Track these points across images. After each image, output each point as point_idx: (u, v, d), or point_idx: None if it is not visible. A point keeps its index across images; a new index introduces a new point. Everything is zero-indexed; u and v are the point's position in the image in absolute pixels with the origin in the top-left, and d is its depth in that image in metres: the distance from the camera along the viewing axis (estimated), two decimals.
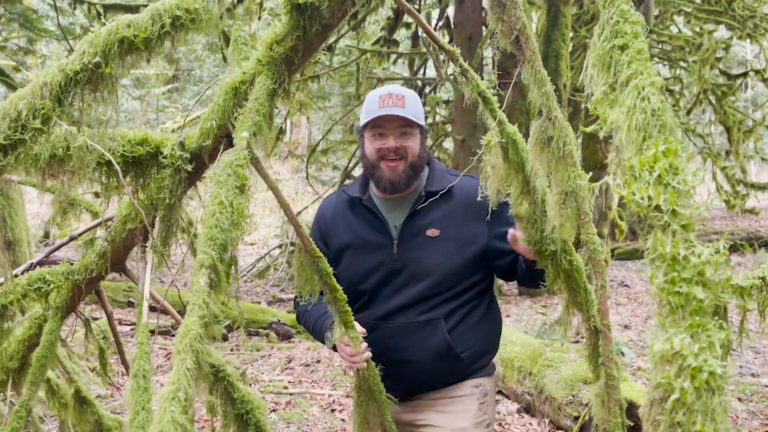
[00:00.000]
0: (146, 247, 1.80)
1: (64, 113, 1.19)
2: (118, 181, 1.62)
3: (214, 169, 1.30)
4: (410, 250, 2.10)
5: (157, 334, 6.02)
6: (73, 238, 2.19)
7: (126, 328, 6.07)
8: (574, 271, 1.70)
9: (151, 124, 15.17)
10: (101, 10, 7.74)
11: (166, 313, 2.25)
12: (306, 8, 1.50)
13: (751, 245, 9.84)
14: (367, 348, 1.90)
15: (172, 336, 6.02)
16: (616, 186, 0.86)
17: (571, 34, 8.05)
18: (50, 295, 1.94)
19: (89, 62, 1.19)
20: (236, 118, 1.46)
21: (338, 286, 1.72)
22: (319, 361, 5.57)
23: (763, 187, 11.52)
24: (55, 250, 2.30)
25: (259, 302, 7.74)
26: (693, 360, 0.73)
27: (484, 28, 7.99)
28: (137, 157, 1.70)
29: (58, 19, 7.51)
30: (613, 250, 10.35)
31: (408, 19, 9.06)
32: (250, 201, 1.26)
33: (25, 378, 1.99)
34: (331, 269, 1.70)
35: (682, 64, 11.43)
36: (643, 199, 0.81)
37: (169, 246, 1.71)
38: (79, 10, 8.27)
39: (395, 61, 9.82)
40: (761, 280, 1.46)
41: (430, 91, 9.45)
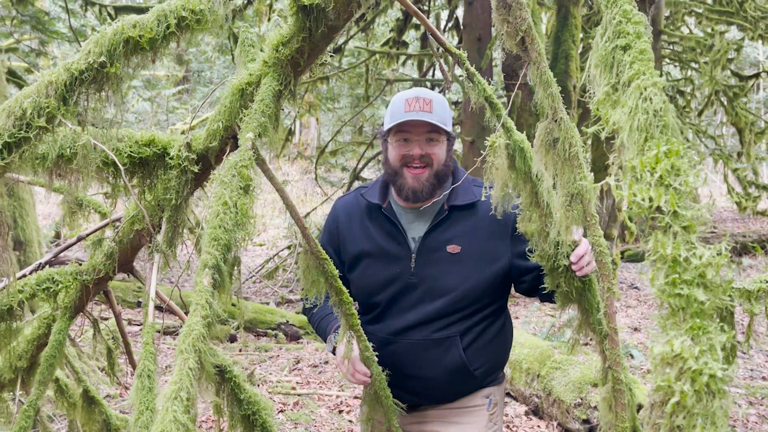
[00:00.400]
0: (153, 249, 1.80)
1: (69, 112, 1.19)
2: (124, 182, 1.63)
3: (219, 169, 1.30)
4: (428, 266, 2.00)
5: (165, 334, 6.05)
6: (81, 239, 2.20)
7: (135, 328, 6.10)
8: (587, 290, 1.65)
9: (162, 125, 15.25)
10: (112, 12, 7.80)
11: (174, 313, 2.26)
12: (312, 10, 1.50)
13: (763, 247, 9.74)
14: (365, 374, 1.85)
15: None
16: (617, 187, 0.85)
17: (581, 35, 8.02)
18: (59, 295, 1.95)
19: (94, 62, 1.19)
20: (242, 119, 1.47)
21: (344, 288, 1.69)
22: (327, 362, 5.58)
23: None
24: (63, 251, 2.31)
25: (268, 303, 7.75)
26: (693, 363, 0.73)
27: (493, 30, 7.97)
28: (144, 158, 1.70)
29: (70, 21, 7.56)
30: (623, 252, 10.29)
31: (417, 19, 9.05)
32: (254, 202, 1.26)
33: (34, 377, 2.00)
34: (336, 271, 1.66)
35: (693, 65, 11.37)
36: (644, 200, 0.81)
37: (175, 246, 1.71)
38: (91, 12, 8.33)
39: (404, 63, 9.82)
40: None
41: (439, 93, 9.44)
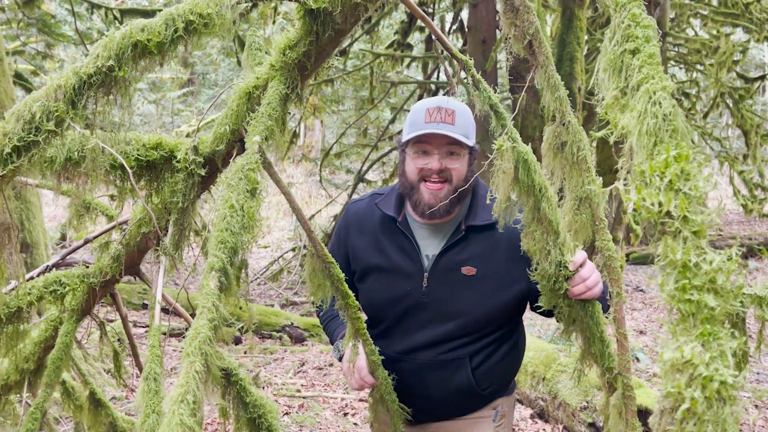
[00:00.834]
0: (160, 251, 1.81)
1: (77, 116, 1.20)
2: (132, 185, 1.64)
3: (226, 172, 1.30)
4: (441, 287, 1.90)
5: (171, 336, 6.06)
6: (88, 241, 2.21)
7: (141, 331, 6.11)
8: (589, 317, 1.62)
9: (167, 127, 15.29)
10: (118, 15, 7.82)
11: (180, 315, 2.26)
12: (319, 14, 1.50)
13: None
14: (371, 382, 1.83)
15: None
16: (626, 191, 0.85)
17: (585, 38, 8.01)
18: (66, 298, 1.95)
19: (103, 65, 1.20)
20: (249, 122, 1.47)
21: (350, 292, 1.68)
22: (332, 365, 5.57)
23: None
24: (70, 253, 2.32)
25: (273, 305, 7.76)
26: (704, 369, 0.72)
27: (498, 32, 7.97)
28: (151, 161, 1.71)
29: (76, 24, 7.60)
30: (628, 255, 10.26)
31: (422, 22, 9.05)
32: (261, 205, 1.26)
33: (41, 379, 2.00)
34: (343, 275, 1.65)
35: (698, 67, 11.34)
36: (653, 204, 0.80)
37: (182, 249, 1.71)
38: (97, 15, 8.36)
39: (409, 65, 9.82)
40: None
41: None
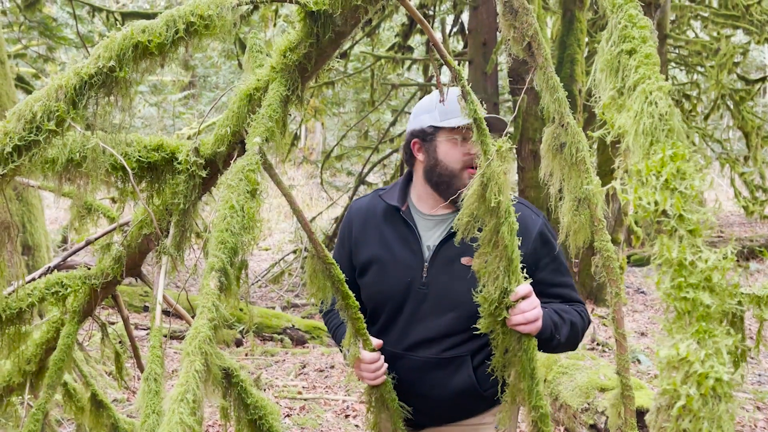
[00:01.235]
0: (160, 251, 1.81)
1: (78, 116, 1.21)
2: (133, 186, 1.64)
3: (226, 174, 1.31)
4: (440, 276, 1.90)
5: (172, 339, 6.06)
6: (89, 243, 2.21)
7: (142, 333, 6.12)
8: (523, 351, 1.58)
9: (168, 130, 15.31)
10: (120, 18, 7.84)
11: (181, 317, 2.26)
12: (319, 16, 1.51)
13: None
14: (381, 369, 1.82)
15: None
16: (623, 191, 0.85)
17: (586, 39, 8.01)
18: (67, 299, 1.96)
19: (104, 66, 1.20)
20: (249, 124, 1.48)
21: (350, 293, 1.69)
22: (333, 367, 5.58)
23: None
24: (72, 255, 2.33)
25: (274, 307, 7.76)
26: (699, 366, 0.73)
27: (498, 34, 7.98)
28: (153, 163, 1.71)
29: (78, 27, 7.62)
30: (629, 257, 10.26)
31: (421, 27, 9.06)
32: (261, 205, 1.26)
33: (43, 381, 2.01)
34: (343, 276, 1.66)
35: (699, 69, 11.34)
36: (649, 204, 0.81)
37: (183, 251, 1.72)
38: (98, 18, 8.38)
39: (410, 67, 9.83)
40: None
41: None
